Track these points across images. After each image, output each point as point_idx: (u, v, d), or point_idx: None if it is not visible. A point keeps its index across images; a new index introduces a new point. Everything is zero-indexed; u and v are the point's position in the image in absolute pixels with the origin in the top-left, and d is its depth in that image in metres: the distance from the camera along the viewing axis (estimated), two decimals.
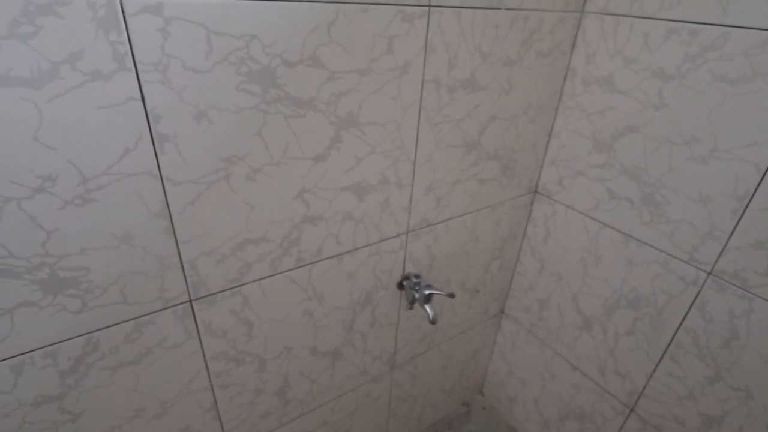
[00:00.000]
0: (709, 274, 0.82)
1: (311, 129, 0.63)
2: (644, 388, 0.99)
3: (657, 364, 0.95)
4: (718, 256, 0.80)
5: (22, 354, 0.54)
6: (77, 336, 0.57)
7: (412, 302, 0.92)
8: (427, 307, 0.87)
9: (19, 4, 0.40)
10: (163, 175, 0.54)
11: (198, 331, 0.67)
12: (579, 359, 1.12)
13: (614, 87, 0.88)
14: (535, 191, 1.10)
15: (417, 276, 0.90)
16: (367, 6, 0.60)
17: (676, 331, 0.89)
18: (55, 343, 0.56)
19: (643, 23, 0.81)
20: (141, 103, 0.49)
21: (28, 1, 0.40)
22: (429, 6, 0.66)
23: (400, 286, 0.93)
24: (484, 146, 0.89)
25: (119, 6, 0.44)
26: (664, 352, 0.93)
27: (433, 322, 0.85)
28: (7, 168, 0.45)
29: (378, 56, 0.64)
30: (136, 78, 0.47)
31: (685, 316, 0.87)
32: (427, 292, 0.87)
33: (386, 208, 0.80)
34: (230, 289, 0.67)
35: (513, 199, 1.05)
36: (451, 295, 0.87)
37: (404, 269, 0.92)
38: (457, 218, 0.95)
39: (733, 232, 0.77)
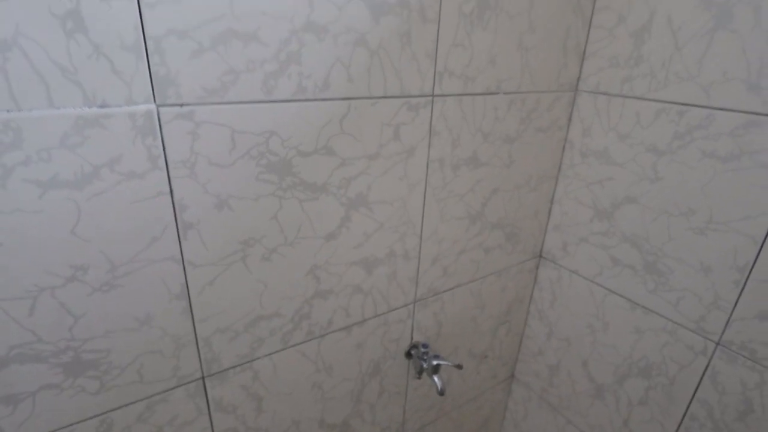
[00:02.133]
0: (718, 344, 0.82)
1: (323, 210, 0.67)
2: None
3: None
4: (725, 327, 0.80)
5: None
6: (93, 417, 0.58)
7: (420, 372, 0.92)
8: (435, 377, 0.87)
9: (71, 120, 0.45)
10: (185, 260, 0.57)
11: (209, 408, 0.68)
12: (593, 429, 1.09)
13: (610, 159, 0.93)
14: (540, 256, 1.12)
15: (425, 345, 0.90)
16: (376, 100, 0.66)
17: (690, 402, 0.88)
18: (71, 425, 0.57)
19: (633, 102, 0.87)
20: (169, 196, 0.53)
21: (79, 116, 0.45)
22: (432, 96, 0.72)
23: (408, 355, 0.93)
24: (488, 217, 0.93)
25: (156, 116, 0.49)
26: (680, 425, 0.91)
27: (441, 393, 0.84)
28: (44, 260, 0.48)
29: (386, 142, 0.70)
30: (166, 175, 0.52)
31: (698, 386, 0.86)
32: (435, 362, 0.87)
33: (394, 280, 0.82)
34: (242, 364, 0.69)
35: (518, 264, 1.07)
36: (459, 366, 0.88)
37: (412, 338, 0.92)
38: (463, 286, 0.97)
39: (737, 302, 0.78)
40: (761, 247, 0.74)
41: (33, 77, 0.42)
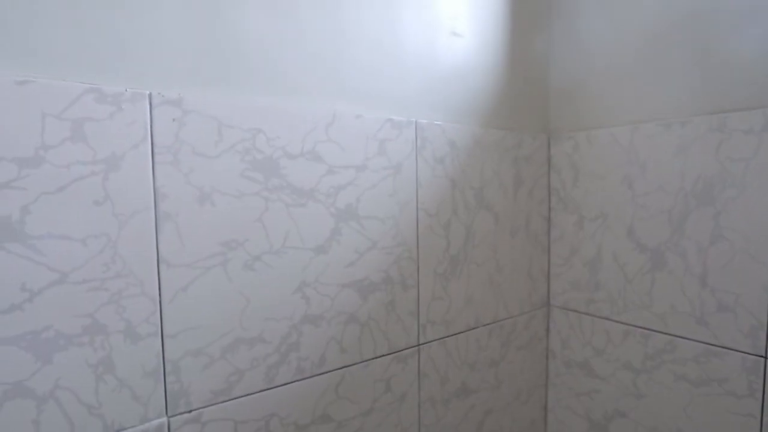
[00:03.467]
0: None
1: None
2: None
3: None
4: None
5: None
6: None
7: None
8: None
9: None
10: None
11: None
12: None
13: (593, 372, 0.97)
14: None
15: None
16: (367, 362, 0.72)
17: None
18: None
19: (601, 321, 0.95)
20: None
21: None
22: (418, 345, 0.79)
23: None
24: None
25: (167, 427, 0.54)
26: None
27: None
28: None
29: (378, 396, 0.74)
30: None
31: None
32: None
33: None
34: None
35: None
36: None
37: None
38: None
39: None
40: None
41: (61, 422, 0.47)
